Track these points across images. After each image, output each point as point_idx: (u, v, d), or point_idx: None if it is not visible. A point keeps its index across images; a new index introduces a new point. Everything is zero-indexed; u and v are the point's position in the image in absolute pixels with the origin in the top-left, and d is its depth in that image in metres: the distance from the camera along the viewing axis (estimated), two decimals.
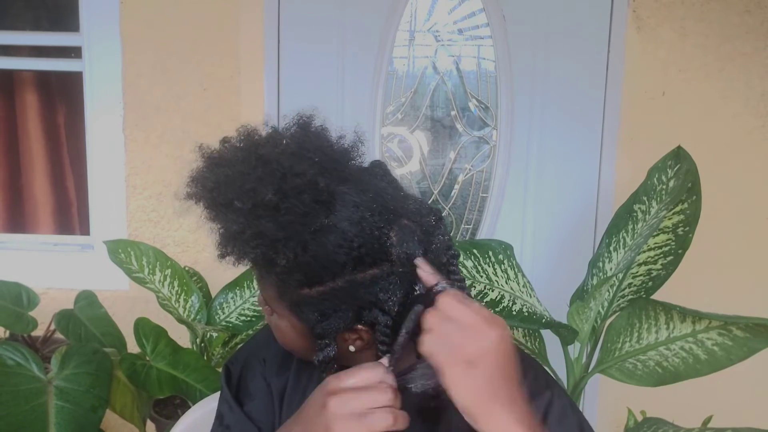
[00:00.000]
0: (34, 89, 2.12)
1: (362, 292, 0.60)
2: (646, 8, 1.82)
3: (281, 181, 0.59)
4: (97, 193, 1.96)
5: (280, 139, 0.63)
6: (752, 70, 1.83)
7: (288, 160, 0.60)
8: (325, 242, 0.59)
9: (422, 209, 0.65)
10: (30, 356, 1.35)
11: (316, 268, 0.60)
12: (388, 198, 0.62)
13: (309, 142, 0.62)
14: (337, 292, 0.60)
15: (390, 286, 0.60)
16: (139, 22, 1.86)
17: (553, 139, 1.92)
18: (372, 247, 0.59)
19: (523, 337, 1.46)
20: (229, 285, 1.70)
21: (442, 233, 0.66)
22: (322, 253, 0.59)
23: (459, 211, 2.02)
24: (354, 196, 0.60)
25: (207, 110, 1.89)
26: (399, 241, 0.60)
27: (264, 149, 0.61)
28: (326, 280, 0.60)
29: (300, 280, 0.61)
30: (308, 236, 0.58)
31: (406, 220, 0.62)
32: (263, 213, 0.58)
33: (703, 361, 1.24)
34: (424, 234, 0.63)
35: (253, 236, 0.59)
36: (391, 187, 0.65)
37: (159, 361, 1.50)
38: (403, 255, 0.60)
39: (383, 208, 0.61)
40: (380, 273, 0.60)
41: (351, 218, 0.59)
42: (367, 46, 1.89)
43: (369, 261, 0.60)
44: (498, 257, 1.40)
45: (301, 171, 0.59)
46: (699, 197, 1.34)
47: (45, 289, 1.87)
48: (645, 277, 1.39)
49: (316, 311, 0.62)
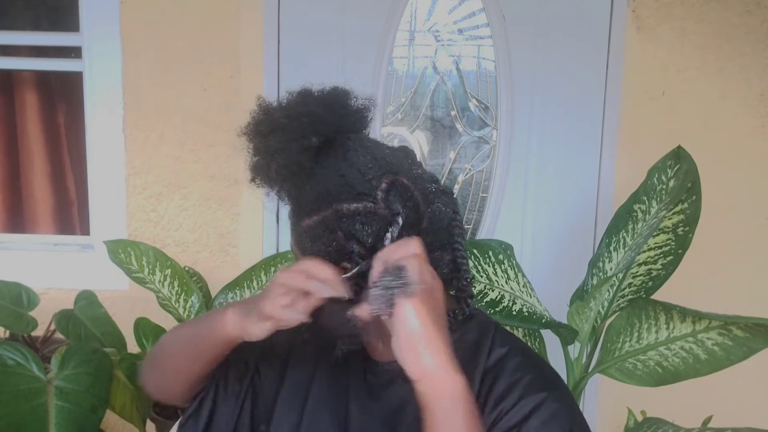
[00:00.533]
0: (34, 89, 2.12)
1: (344, 222, 0.67)
2: (645, 8, 1.82)
3: (289, 108, 0.71)
4: (97, 193, 1.96)
5: (308, 89, 0.74)
6: (752, 70, 1.83)
7: (301, 97, 0.73)
8: (317, 166, 0.69)
9: (425, 176, 0.71)
10: (30, 356, 1.35)
11: (309, 193, 0.69)
12: (387, 153, 0.71)
13: (329, 92, 0.74)
14: (324, 219, 0.68)
15: (368, 221, 0.66)
16: (139, 22, 1.86)
17: (553, 139, 1.92)
18: (357, 183, 0.67)
19: (523, 337, 1.46)
20: (229, 285, 1.70)
21: (444, 204, 0.71)
22: (314, 177, 0.69)
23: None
24: (353, 140, 0.71)
25: (207, 110, 1.89)
26: (387, 187, 0.67)
27: (292, 95, 0.74)
28: (318, 208, 0.68)
29: (301, 208, 0.70)
30: (297, 151, 0.68)
31: (402, 178, 0.69)
32: (274, 133, 0.70)
33: (703, 361, 1.24)
34: (421, 196, 0.69)
35: (263, 150, 0.71)
36: (403, 155, 0.73)
37: None
38: (388, 200, 0.67)
39: (380, 158, 0.69)
40: (362, 208, 0.66)
41: (344, 154, 0.69)
42: (367, 46, 1.89)
43: (353, 195, 0.67)
44: (498, 257, 1.40)
45: (305, 102, 0.72)
46: (699, 197, 1.34)
47: (45, 289, 1.87)
48: (645, 277, 1.39)
49: (309, 238, 0.69)
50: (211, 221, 1.94)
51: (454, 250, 0.72)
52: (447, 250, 0.71)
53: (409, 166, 0.71)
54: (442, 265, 0.71)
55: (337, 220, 0.67)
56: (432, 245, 0.69)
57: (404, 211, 0.67)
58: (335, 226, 0.67)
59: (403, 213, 0.66)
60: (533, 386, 0.70)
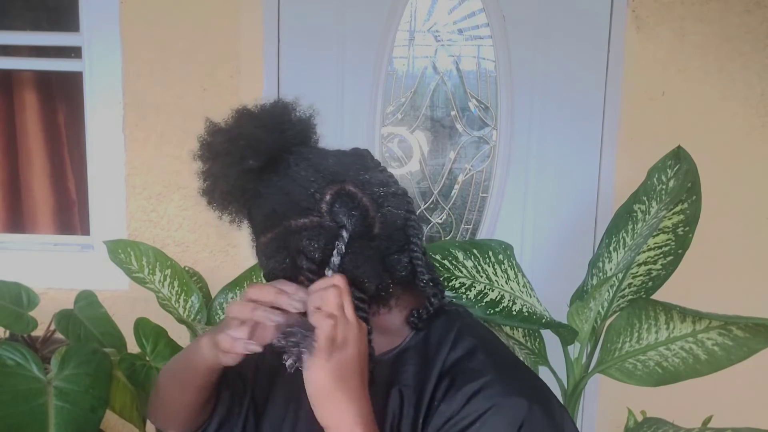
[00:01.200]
0: (34, 89, 2.12)
1: (292, 238, 0.68)
2: (645, 8, 1.82)
3: (228, 132, 0.72)
4: (97, 193, 1.96)
5: (247, 109, 0.75)
6: (752, 70, 1.83)
7: (240, 119, 0.73)
8: (261, 187, 0.70)
9: (374, 181, 0.71)
10: (30, 356, 1.34)
11: (258, 214, 0.71)
12: (331, 163, 0.71)
13: (269, 110, 0.75)
14: (276, 236, 0.70)
15: (314, 235, 0.68)
16: (139, 22, 1.86)
17: (553, 139, 1.92)
18: (301, 198, 0.68)
19: (523, 337, 1.46)
20: (229, 285, 1.70)
21: (395, 206, 0.71)
22: (261, 198, 0.71)
23: (459, 211, 2.02)
24: (295, 155, 0.72)
25: (207, 110, 1.88)
26: (331, 199, 0.68)
27: (233, 116, 0.74)
28: (270, 227, 0.70)
29: (256, 229, 0.73)
30: (236, 175, 0.70)
31: (349, 186, 0.69)
32: (216, 158, 0.72)
33: (703, 361, 1.24)
34: (370, 202, 0.69)
35: (207, 176, 0.73)
36: (351, 161, 0.73)
37: (159, 361, 1.50)
38: (333, 212, 0.68)
39: (322, 169, 0.70)
40: (309, 223, 0.68)
41: (286, 171, 0.70)
42: (367, 46, 1.89)
43: (298, 211, 0.68)
44: (498, 257, 1.40)
45: (242, 124, 0.72)
46: (699, 197, 1.34)
47: (45, 289, 1.87)
48: (645, 277, 1.39)
49: (264, 255, 0.72)
50: (211, 221, 1.94)
51: (411, 251, 0.72)
52: (404, 252, 0.71)
53: (356, 171, 0.71)
54: (400, 268, 0.71)
55: (287, 236, 0.69)
56: (388, 249, 0.70)
57: (351, 220, 0.67)
58: (285, 242, 0.69)
59: (349, 223, 0.67)
60: (488, 390, 0.67)
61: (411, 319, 0.74)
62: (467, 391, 0.67)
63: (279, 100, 0.77)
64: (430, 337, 0.74)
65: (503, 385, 0.67)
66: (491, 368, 0.69)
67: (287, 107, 0.76)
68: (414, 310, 0.74)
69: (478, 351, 0.72)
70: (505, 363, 0.72)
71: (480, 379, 0.68)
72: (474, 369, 0.69)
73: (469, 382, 0.68)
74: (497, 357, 0.72)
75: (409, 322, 0.75)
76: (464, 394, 0.67)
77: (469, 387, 0.67)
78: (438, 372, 0.71)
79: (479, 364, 0.70)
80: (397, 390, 0.72)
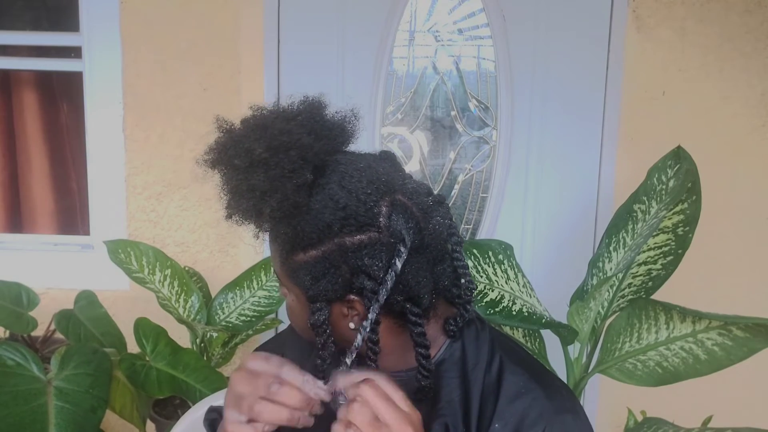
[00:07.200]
0: (34, 89, 2.12)
1: (350, 256, 0.63)
2: (646, 8, 1.82)
3: (271, 139, 0.63)
4: (97, 193, 1.96)
5: (279, 109, 0.68)
6: (752, 70, 1.83)
7: (280, 123, 0.64)
8: (312, 200, 0.63)
9: (420, 189, 0.67)
10: (30, 356, 1.35)
11: (307, 229, 0.63)
12: (381, 171, 0.65)
13: (304, 111, 0.67)
14: (327, 255, 0.64)
15: (376, 253, 0.63)
16: (139, 22, 1.86)
17: (553, 139, 1.92)
18: (359, 213, 0.62)
19: (523, 337, 1.46)
20: (229, 285, 1.71)
21: (442, 216, 0.68)
22: (311, 212, 0.63)
23: (459, 211, 2.02)
24: (343, 163, 0.65)
25: (207, 110, 1.89)
26: (388, 212, 0.63)
27: (263, 118, 0.66)
28: (317, 243, 0.63)
29: (296, 244, 0.65)
30: (292, 190, 0.62)
31: (400, 196, 0.65)
32: (256, 169, 0.62)
33: (703, 361, 1.24)
34: (420, 212, 0.65)
35: (247, 189, 0.62)
36: (390, 166, 0.68)
37: (159, 361, 1.50)
38: (391, 226, 0.63)
39: (375, 179, 0.64)
40: (368, 240, 0.63)
41: (339, 182, 0.63)
42: (367, 46, 1.89)
43: (356, 226, 0.62)
44: (498, 257, 1.40)
45: (288, 130, 0.64)
46: (699, 197, 1.34)
47: (45, 289, 1.87)
48: (645, 277, 1.39)
49: (309, 274, 0.65)
50: (211, 221, 1.94)
51: (454, 260, 0.70)
52: (447, 261, 0.70)
53: (402, 180, 0.67)
54: (444, 278, 0.69)
55: (342, 255, 0.63)
56: (434, 260, 0.67)
57: (409, 234, 0.63)
58: (340, 261, 0.63)
59: (408, 238, 0.63)
60: (537, 408, 0.69)
61: (450, 328, 0.73)
62: (518, 408, 0.69)
63: (309, 98, 0.70)
64: (465, 348, 0.73)
65: (549, 401, 0.70)
66: (534, 384, 0.71)
67: (324, 107, 0.70)
68: (450, 319, 0.73)
69: (514, 365, 0.73)
70: (541, 376, 0.74)
71: (527, 395, 0.69)
72: (518, 385, 0.71)
73: (516, 399, 0.69)
74: (532, 370, 0.73)
75: (446, 330, 0.73)
76: (514, 413, 0.69)
77: (519, 403, 0.69)
78: (480, 388, 0.71)
79: (522, 380, 0.71)
80: (442, 424, 0.70)
